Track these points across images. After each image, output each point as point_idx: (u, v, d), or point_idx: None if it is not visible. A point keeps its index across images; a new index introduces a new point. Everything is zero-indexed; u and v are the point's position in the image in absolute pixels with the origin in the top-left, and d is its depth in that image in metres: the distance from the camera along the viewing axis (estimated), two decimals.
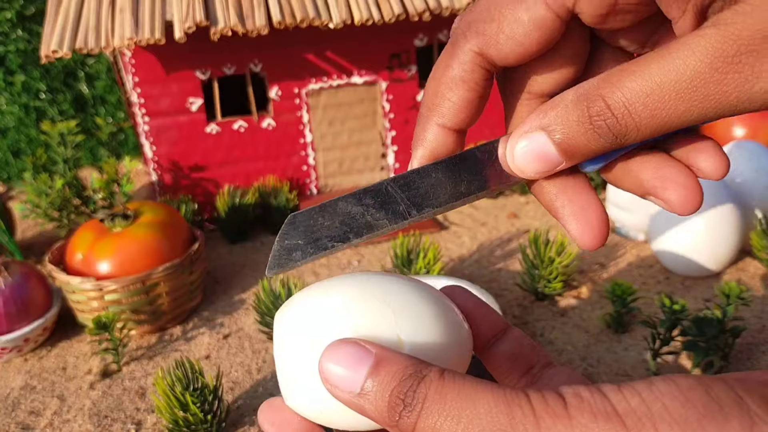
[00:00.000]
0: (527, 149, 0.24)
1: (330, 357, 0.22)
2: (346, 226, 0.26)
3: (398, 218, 0.26)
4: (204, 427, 0.59)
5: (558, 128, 0.23)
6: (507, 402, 0.19)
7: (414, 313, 0.24)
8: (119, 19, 0.81)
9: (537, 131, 0.23)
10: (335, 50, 0.94)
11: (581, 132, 0.23)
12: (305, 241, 0.26)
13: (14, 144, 1.22)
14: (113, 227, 0.76)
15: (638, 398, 0.19)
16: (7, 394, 0.69)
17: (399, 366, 0.21)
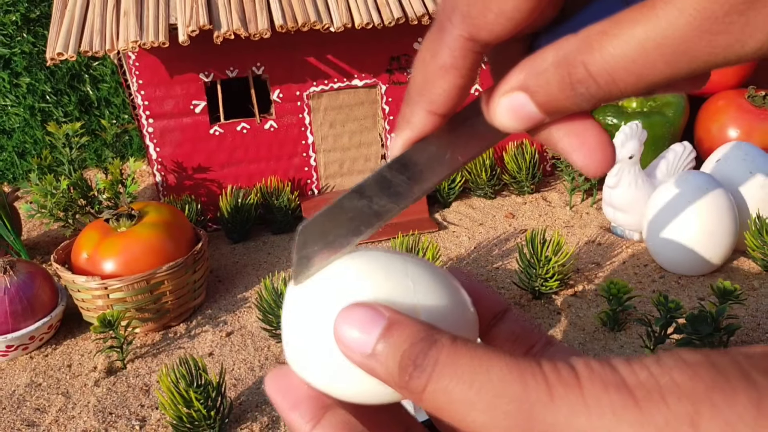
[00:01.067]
0: (508, 107, 0.24)
1: (344, 318, 0.22)
2: (357, 220, 0.27)
3: (403, 199, 0.26)
4: (207, 423, 0.60)
5: (539, 90, 0.22)
6: (520, 370, 0.20)
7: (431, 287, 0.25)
8: (124, 22, 0.83)
9: (517, 91, 0.23)
10: (336, 53, 0.95)
11: (563, 96, 0.22)
12: (321, 246, 0.27)
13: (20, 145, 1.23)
14: (118, 227, 0.77)
15: (647, 372, 0.19)
16: (13, 392, 0.70)
17: (411, 329, 0.21)
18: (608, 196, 0.85)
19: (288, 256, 0.93)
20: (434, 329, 0.21)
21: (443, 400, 0.20)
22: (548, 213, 0.99)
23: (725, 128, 0.99)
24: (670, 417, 0.18)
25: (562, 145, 0.24)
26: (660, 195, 0.79)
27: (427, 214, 1.00)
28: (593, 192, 1.01)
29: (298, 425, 0.25)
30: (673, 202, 0.77)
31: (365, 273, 0.25)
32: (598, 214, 0.96)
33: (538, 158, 1.03)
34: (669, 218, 0.78)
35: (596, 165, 0.24)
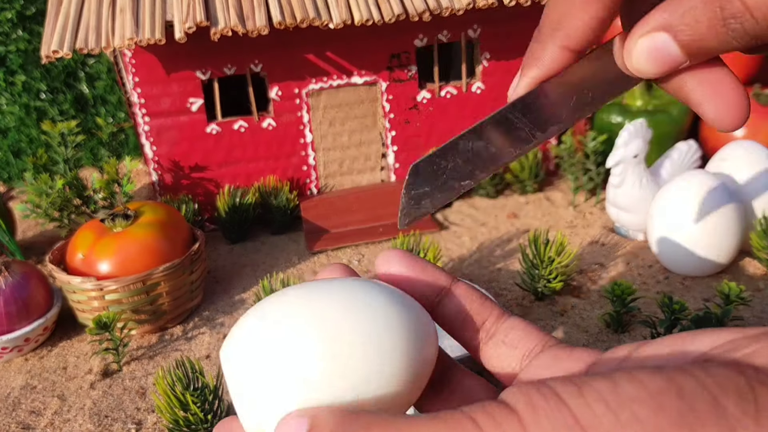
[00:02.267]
0: (648, 49, 0.22)
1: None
2: (471, 163, 0.25)
3: (523, 144, 0.25)
4: (204, 426, 0.59)
5: (685, 29, 0.21)
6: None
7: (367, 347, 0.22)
8: (120, 20, 0.82)
9: (659, 31, 0.21)
10: (335, 50, 0.94)
11: (712, 34, 0.20)
12: (432, 187, 0.25)
13: (15, 144, 1.22)
14: (114, 227, 0.76)
15: (603, 405, 0.17)
16: (8, 394, 0.69)
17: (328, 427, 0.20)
18: (612, 195, 0.84)
19: (287, 257, 0.92)
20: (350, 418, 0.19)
21: None
22: (551, 213, 0.98)
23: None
24: None
25: (694, 95, 0.22)
26: (665, 194, 0.78)
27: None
28: (597, 191, 1.00)
29: None
30: (678, 201, 0.76)
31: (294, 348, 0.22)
32: (601, 214, 0.96)
33: (541, 157, 1.02)
34: (674, 218, 0.77)
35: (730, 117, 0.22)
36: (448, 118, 1.02)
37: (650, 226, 0.80)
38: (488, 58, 0.99)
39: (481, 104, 1.02)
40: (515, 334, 0.26)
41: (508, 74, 1.01)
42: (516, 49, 0.99)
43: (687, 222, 0.76)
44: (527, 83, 0.25)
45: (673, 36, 0.21)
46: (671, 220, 0.77)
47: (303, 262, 0.90)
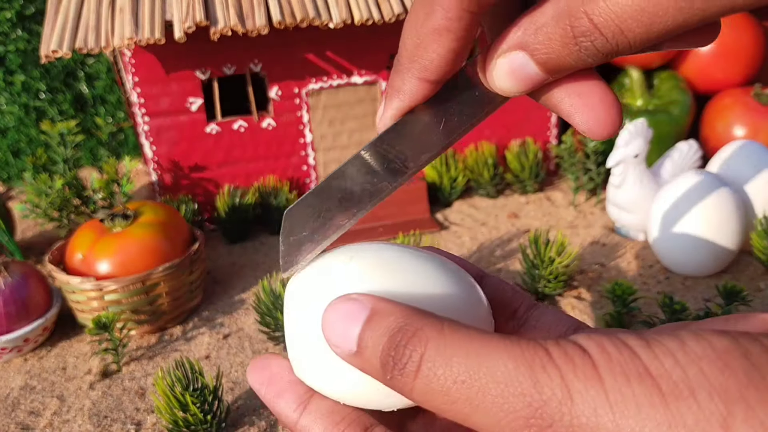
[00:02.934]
0: (507, 69, 0.22)
1: (329, 314, 0.21)
2: (347, 201, 0.25)
3: (397, 176, 0.24)
4: (204, 427, 0.59)
5: (539, 48, 0.21)
6: (527, 363, 0.17)
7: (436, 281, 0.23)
8: (119, 19, 0.81)
9: (515, 50, 0.21)
10: (335, 50, 0.94)
11: (566, 52, 0.20)
12: (311, 230, 0.25)
13: (14, 144, 1.21)
14: (113, 227, 0.76)
15: (672, 359, 0.17)
16: (7, 394, 0.69)
17: (391, 318, 0.19)
18: (613, 195, 0.84)
19: None
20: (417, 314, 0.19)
21: (440, 401, 0.18)
22: (552, 213, 0.98)
23: (731, 127, 0.98)
24: (700, 417, 0.16)
25: (563, 107, 0.22)
26: (665, 194, 0.78)
27: (428, 214, 0.99)
28: (597, 191, 1.00)
29: (285, 414, 0.24)
30: (679, 201, 0.76)
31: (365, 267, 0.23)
32: (602, 214, 0.95)
33: (541, 157, 1.02)
34: (674, 218, 0.76)
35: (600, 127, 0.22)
36: None
37: (651, 226, 0.80)
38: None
39: None
40: (546, 319, 0.26)
41: None
42: None
43: (688, 222, 0.76)
44: (392, 115, 0.25)
45: (529, 54, 0.21)
46: (672, 220, 0.77)
47: None
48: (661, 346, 0.17)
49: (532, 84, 0.22)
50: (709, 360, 0.17)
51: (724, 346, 0.17)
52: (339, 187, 0.25)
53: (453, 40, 0.22)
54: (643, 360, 0.17)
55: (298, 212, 0.25)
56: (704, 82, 1.04)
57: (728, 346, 0.17)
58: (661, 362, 0.17)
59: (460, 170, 1.01)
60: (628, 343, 0.17)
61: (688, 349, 0.17)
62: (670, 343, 0.17)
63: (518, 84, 0.22)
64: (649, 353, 0.17)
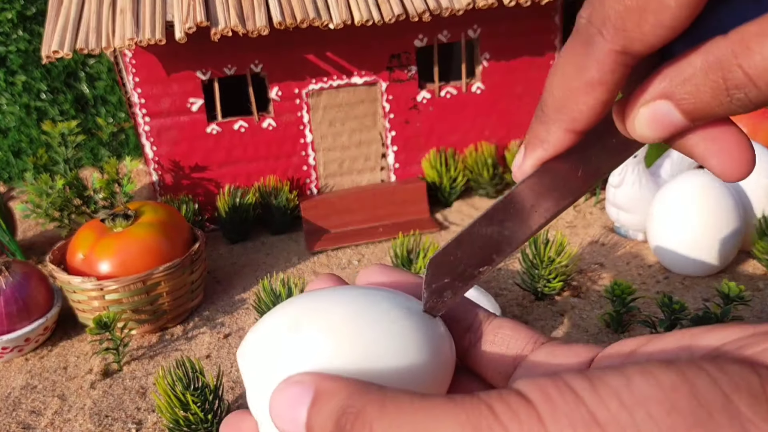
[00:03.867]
0: (650, 118, 0.22)
1: (275, 403, 0.21)
2: (487, 248, 0.25)
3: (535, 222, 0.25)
4: (204, 426, 0.59)
5: (687, 98, 0.20)
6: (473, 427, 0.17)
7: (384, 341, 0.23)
8: (120, 20, 0.82)
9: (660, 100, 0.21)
10: (335, 51, 0.94)
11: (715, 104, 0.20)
12: (452, 277, 0.25)
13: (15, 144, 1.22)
14: (114, 227, 0.76)
15: (617, 402, 0.17)
16: (8, 394, 0.69)
17: (333, 400, 0.19)
18: (612, 195, 0.84)
19: (287, 257, 0.92)
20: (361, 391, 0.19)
21: None
22: None
23: None
24: None
25: (698, 151, 0.22)
26: (664, 194, 0.78)
27: (428, 214, 0.99)
28: (596, 191, 1.00)
29: None
30: (678, 201, 0.76)
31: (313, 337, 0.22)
32: (601, 214, 0.96)
33: None
34: (673, 218, 0.77)
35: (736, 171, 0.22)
36: (447, 118, 1.02)
37: (650, 226, 0.80)
38: (488, 58, 0.99)
39: (481, 104, 1.02)
40: (503, 334, 0.26)
41: (507, 74, 1.01)
42: (516, 49, 0.99)
43: (687, 222, 0.76)
44: (533, 164, 0.25)
45: (675, 104, 0.21)
46: (671, 220, 0.77)
47: (303, 262, 0.90)
48: (606, 388, 0.17)
49: (674, 131, 0.22)
50: (656, 401, 0.16)
51: (671, 383, 0.17)
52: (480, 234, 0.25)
53: (604, 93, 0.22)
54: (589, 405, 0.17)
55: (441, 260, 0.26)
56: None
57: (675, 383, 0.17)
58: (606, 406, 0.17)
59: (460, 170, 1.02)
60: (573, 387, 0.17)
61: (634, 389, 0.17)
62: (615, 382, 0.17)
63: (660, 132, 0.22)
64: (594, 397, 0.17)
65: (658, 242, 0.79)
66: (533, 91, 1.03)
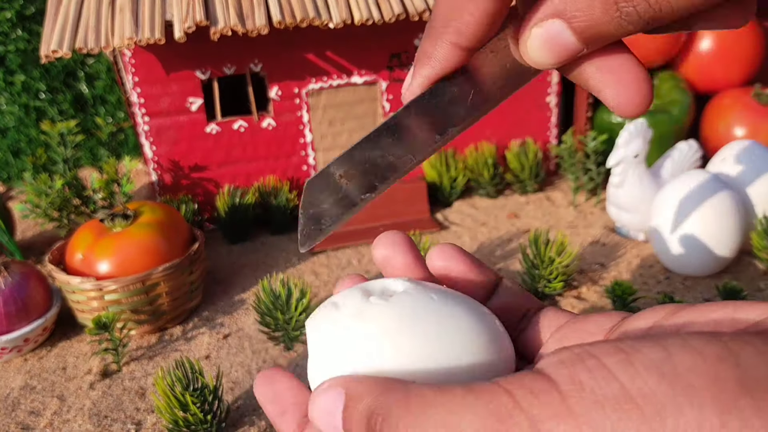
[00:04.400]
0: (542, 39, 0.21)
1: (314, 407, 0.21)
2: (370, 174, 0.24)
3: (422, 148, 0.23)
4: (204, 427, 0.59)
5: (578, 15, 0.20)
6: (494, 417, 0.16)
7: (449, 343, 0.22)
8: (119, 19, 0.81)
9: (552, 18, 0.20)
10: (335, 50, 0.94)
11: (606, 20, 0.19)
12: (330, 203, 0.24)
13: (14, 144, 1.21)
14: (113, 227, 0.76)
15: (656, 375, 0.15)
16: (7, 394, 0.69)
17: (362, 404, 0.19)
18: (613, 195, 0.84)
19: (287, 258, 0.92)
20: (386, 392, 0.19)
21: None
22: (552, 213, 0.98)
23: (731, 127, 0.98)
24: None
25: (593, 82, 0.22)
26: (665, 194, 0.78)
27: (428, 214, 0.99)
28: (597, 191, 1.00)
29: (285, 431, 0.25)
30: (679, 201, 0.76)
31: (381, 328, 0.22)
32: (602, 214, 0.95)
33: (541, 157, 1.02)
34: (674, 218, 0.76)
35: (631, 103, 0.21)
36: None
37: (651, 226, 0.80)
38: None
39: None
40: (547, 315, 0.26)
41: None
42: None
43: (688, 222, 0.75)
44: (420, 83, 0.24)
45: (567, 23, 0.20)
46: (672, 220, 0.77)
47: (303, 262, 0.90)
48: (644, 359, 0.16)
49: (567, 55, 0.21)
50: (699, 372, 0.15)
51: (714, 355, 0.16)
52: (362, 158, 0.24)
53: (490, 2, 0.21)
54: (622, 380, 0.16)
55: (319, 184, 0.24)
56: (704, 82, 1.04)
57: (719, 354, 0.16)
58: (643, 380, 0.15)
59: (460, 170, 1.01)
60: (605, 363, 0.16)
61: (675, 361, 0.16)
62: (654, 355, 0.16)
63: (553, 55, 0.21)
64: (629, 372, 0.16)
65: (659, 242, 0.79)
66: (534, 90, 1.02)
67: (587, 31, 0.20)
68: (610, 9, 0.19)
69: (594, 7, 0.20)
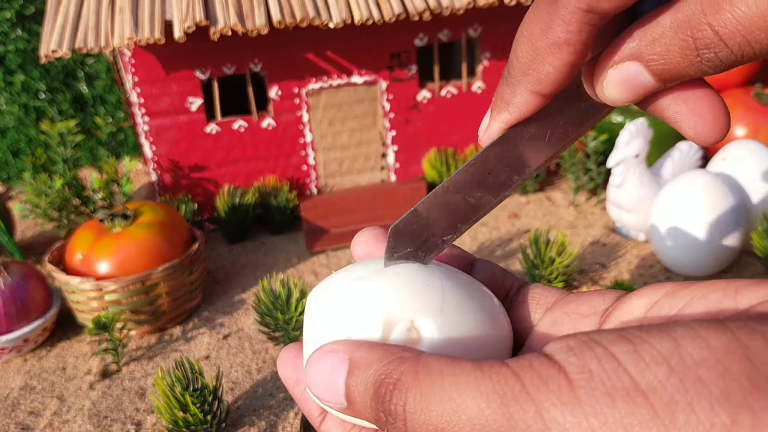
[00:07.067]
0: (619, 79, 0.21)
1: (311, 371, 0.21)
2: (452, 216, 0.24)
3: (501, 189, 0.24)
4: (204, 427, 0.58)
5: (655, 59, 0.20)
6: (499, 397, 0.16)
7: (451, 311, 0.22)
8: (119, 19, 0.81)
9: (629, 61, 0.21)
10: (335, 50, 0.93)
11: (685, 64, 0.20)
12: (415, 246, 0.25)
13: (14, 144, 1.21)
14: (113, 227, 0.76)
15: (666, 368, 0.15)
16: (7, 395, 0.69)
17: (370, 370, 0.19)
18: (613, 195, 0.83)
19: (287, 258, 0.92)
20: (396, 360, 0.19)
21: None
22: (552, 213, 0.98)
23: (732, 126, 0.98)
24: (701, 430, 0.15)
25: (669, 113, 0.22)
26: (666, 194, 0.78)
27: None
28: (598, 191, 1.00)
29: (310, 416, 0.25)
30: (679, 201, 0.76)
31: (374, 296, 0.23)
32: (602, 214, 0.95)
33: None
34: (675, 218, 0.76)
35: (709, 133, 0.21)
36: (448, 117, 1.01)
37: (651, 226, 0.80)
38: (489, 58, 0.99)
39: (482, 103, 1.01)
40: (535, 292, 0.26)
41: None
42: None
43: (688, 222, 0.75)
44: (499, 128, 0.24)
45: (644, 65, 0.21)
46: (672, 220, 0.77)
47: (303, 262, 0.90)
48: (652, 351, 0.16)
49: (643, 93, 0.21)
50: (709, 366, 0.15)
51: (723, 346, 0.15)
52: (443, 202, 0.25)
53: (571, 54, 0.21)
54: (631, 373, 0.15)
55: (404, 228, 0.25)
56: None
57: (728, 346, 0.15)
58: (653, 373, 0.15)
59: None
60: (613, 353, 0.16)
61: (683, 352, 0.15)
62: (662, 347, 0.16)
63: (629, 94, 0.21)
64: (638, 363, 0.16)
65: (659, 242, 0.79)
66: None
67: (665, 73, 0.20)
68: (690, 55, 0.19)
69: (672, 53, 0.20)
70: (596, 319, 0.23)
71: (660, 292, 0.21)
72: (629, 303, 0.22)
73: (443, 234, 0.25)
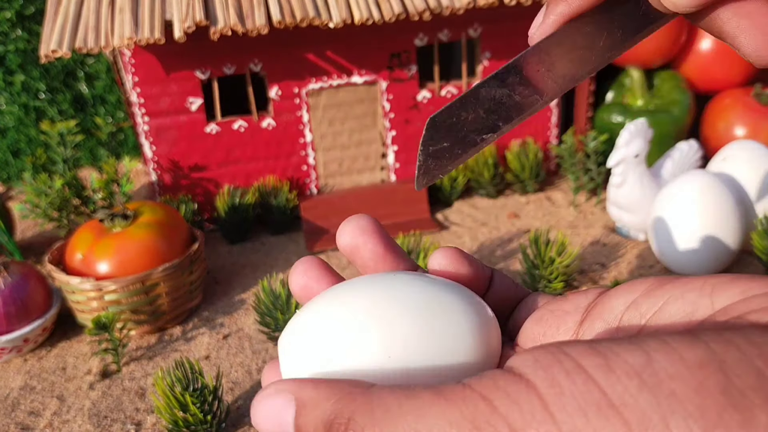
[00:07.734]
0: None
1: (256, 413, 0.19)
2: (494, 113, 0.23)
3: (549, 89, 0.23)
4: (204, 427, 0.58)
5: None
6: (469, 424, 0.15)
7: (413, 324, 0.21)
8: (119, 19, 0.81)
9: None
10: (335, 50, 0.93)
11: None
12: (452, 141, 0.23)
13: (14, 144, 1.21)
14: (113, 227, 0.76)
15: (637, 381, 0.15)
16: (7, 395, 0.69)
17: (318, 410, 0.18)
18: (613, 195, 0.84)
19: (287, 258, 0.92)
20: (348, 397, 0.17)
21: None
22: (552, 213, 0.98)
23: (732, 126, 0.98)
24: None
25: (728, 28, 0.21)
26: (666, 194, 0.78)
27: (428, 214, 0.99)
28: (598, 191, 1.00)
29: None
30: (679, 201, 0.76)
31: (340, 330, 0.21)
32: (602, 214, 0.95)
33: (541, 157, 1.02)
34: (675, 218, 0.76)
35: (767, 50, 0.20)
36: None
37: (651, 226, 0.80)
38: (489, 58, 0.99)
39: None
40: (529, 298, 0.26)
41: None
42: (517, 49, 0.99)
43: (688, 222, 0.75)
44: (554, 21, 0.23)
45: None
46: (672, 220, 0.77)
47: None
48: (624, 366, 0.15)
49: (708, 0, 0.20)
50: (682, 380, 0.15)
51: (697, 360, 0.15)
52: (487, 97, 0.23)
53: None
54: (603, 387, 0.15)
55: (442, 121, 0.23)
56: (704, 82, 1.04)
57: (702, 359, 0.15)
58: (624, 387, 0.15)
59: (461, 170, 1.01)
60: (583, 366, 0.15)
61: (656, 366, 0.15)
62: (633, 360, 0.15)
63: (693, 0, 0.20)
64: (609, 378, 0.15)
65: (659, 242, 0.79)
66: None
67: None
68: None
69: None
70: (578, 316, 0.22)
71: (639, 290, 0.20)
72: (609, 301, 0.21)
73: (483, 131, 0.23)
